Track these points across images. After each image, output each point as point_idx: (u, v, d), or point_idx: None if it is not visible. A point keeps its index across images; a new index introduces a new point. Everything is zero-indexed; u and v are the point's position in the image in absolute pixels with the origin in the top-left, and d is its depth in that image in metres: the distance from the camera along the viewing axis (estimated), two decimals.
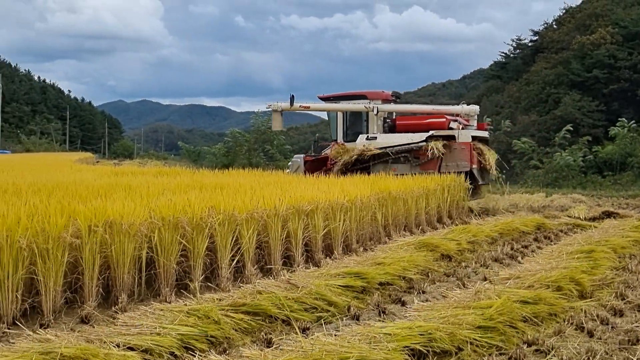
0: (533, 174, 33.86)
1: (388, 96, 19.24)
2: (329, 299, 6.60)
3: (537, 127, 48.83)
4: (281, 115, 19.40)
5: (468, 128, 17.70)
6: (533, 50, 69.43)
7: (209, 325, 5.43)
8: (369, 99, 18.61)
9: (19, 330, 5.42)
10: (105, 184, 11.25)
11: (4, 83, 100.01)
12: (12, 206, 6.97)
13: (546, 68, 58.34)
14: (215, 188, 10.39)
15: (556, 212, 16.60)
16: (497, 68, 78.31)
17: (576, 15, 64.84)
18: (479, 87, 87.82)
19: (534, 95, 56.64)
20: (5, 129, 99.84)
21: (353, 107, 18.85)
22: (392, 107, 19.06)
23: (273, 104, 19.21)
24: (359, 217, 10.35)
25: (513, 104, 58.85)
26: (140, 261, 7.00)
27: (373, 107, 18.01)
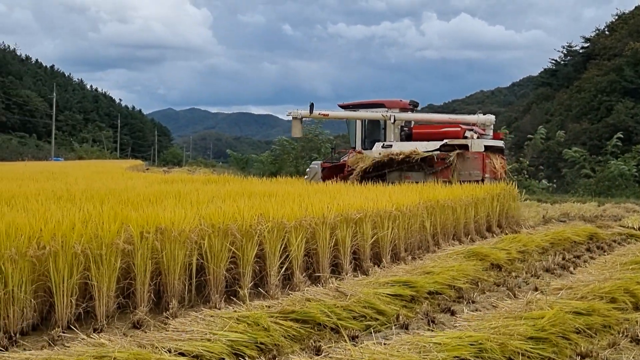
0: (585, 183, 33.31)
1: (406, 105, 19.33)
2: (378, 307, 6.57)
3: (589, 135, 48.02)
4: (301, 123, 19.63)
5: (484, 137, 17.74)
6: (584, 57, 68.36)
7: (258, 332, 5.46)
8: (387, 107, 18.78)
9: (73, 334, 5.52)
10: (156, 191, 11.42)
11: (58, 92, 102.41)
12: (66, 212, 7.14)
13: (598, 75, 57.38)
14: (264, 196, 10.47)
15: (609, 222, 16.29)
16: (547, 75, 77.29)
17: (629, 21, 63.66)
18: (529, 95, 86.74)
19: (585, 102, 55.74)
20: (58, 136, 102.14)
21: (370, 115, 19.04)
22: (409, 115, 19.15)
23: (293, 112, 19.33)
24: (407, 226, 10.29)
25: (563, 112, 58.00)
26: (191, 268, 7.08)
27: (390, 115, 18.22)
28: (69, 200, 9.32)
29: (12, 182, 14.15)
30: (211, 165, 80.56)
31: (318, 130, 39.37)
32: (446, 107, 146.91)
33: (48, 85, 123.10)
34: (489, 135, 18.13)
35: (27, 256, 5.75)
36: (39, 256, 5.85)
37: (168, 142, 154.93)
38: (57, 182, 14.53)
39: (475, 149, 16.99)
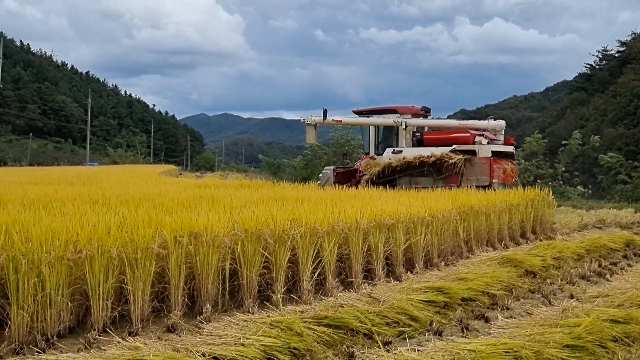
0: (621, 189, 32.83)
1: (418, 111, 19.52)
2: (411, 313, 6.54)
3: (625, 140, 47.32)
4: (315, 129, 19.80)
5: (495, 143, 17.94)
6: (620, 61, 67.44)
7: (291, 337, 5.46)
8: (399, 113, 18.99)
9: (109, 337, 5.58)
10: (189, 196, 11.51)
11: (93, 97, 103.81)
12: (102, 217, 7.24)
13: (634, 79, 56.54)
14: (296, 201, 10.49)
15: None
16: (582, 80, 76.42)
17: None
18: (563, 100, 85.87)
19: (621, 107, 54.97)
20: (93, 141, 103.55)
21: (382, 122, 19.24)
22: (420, 121, 19.38)
23: (307, 118, 19.60)
24: (440, 231, 10.23)
25: (599, 117, 57.26)
26: (224, 272, 7.11)
27: (401, 121, 18.45)
28: (105, 205, 9.44)
29: (49, 187, 14.37)
30: (243, 170, 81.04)
31: (350, 136, 39.34)
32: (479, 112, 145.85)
33: (83, 91, 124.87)
34: (500, 140, 18.27)
35: (64, 260, 5.82)
36: (76, 260, 5.92)
37: (200, 147, 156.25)
38: (93, 187, 14.72)
39: (483, 154, 17.17)
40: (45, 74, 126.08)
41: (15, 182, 17.62)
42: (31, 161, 74.33)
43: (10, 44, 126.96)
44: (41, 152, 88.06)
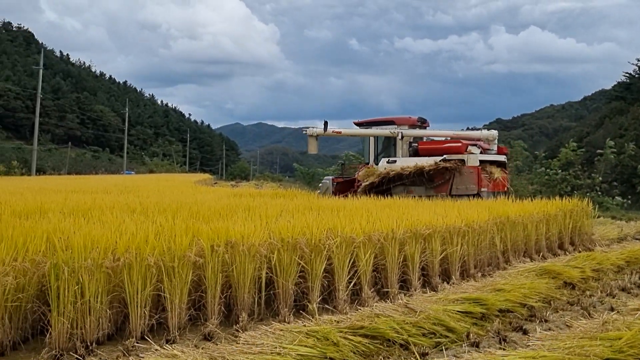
0: None
1: (414, 122, 19.98)
2: (448, 324, 6.49)
3: None
4: (316, 140, 20.16)
5: (488, 152, 18.35)
6: None
7: (327, 347, 5.46)
8: (397, 124, 19.52)
9: (147, 344, 5.64)
10: (225, 204, 11.58)
11: (130, 107, 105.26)
12: (140, 225, 7.32)
13: None
14: (332, 210, 10.50)
15: None
16: (620, 89, 75.24)
17: None
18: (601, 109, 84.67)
19: None
20: (130, 150, 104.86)
21: (379, 132, 19.76)
22: (416, 132, 19.72)
23: (309, 129, 20.10)
24: (477, 242, 10.14)
25: (638, 126, 56.28)
26: (260, 281, 7.13)
27: (397, 132, 19.01)
28: (142, 213, 9.54)
29: (88, 195, 14.58)
30: (278, 179, 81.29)
31: None
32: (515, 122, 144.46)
33: (121, 100, 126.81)
34: (493, 150, 18.67)
35: (103, 267, 5.90)
36: (114, 268, 5.99)
37: (235, 157, 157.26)
38: (130, 195, 14.89)
39: (471, 163, 17.53)
40: (84, 84, 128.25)
41: (55, 190, 17.92)
42: (70, 170, 75.57)
43: (51, 55, 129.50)
44: (79, 160, 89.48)
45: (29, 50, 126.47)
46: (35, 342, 5.95)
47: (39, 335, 6.00)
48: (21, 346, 5.84)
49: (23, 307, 5.86)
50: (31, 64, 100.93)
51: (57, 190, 17.59)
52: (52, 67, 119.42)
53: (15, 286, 5.62)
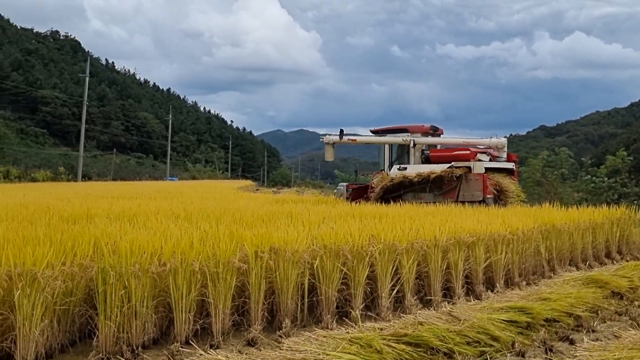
0: None
1: (427, 130, 20.32)
2: (492, 333, 6.41)
3: None
4: (333, 147, 20.72)
5: (498, 160, 18.72)
6: None
7: (371, 354, 5.43)
8: (410, 132, 19.89)
9: (191, 349, 5.68)
10: (268, 211, 11.64)
11: (174, 114, 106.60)
12: (184, 231, 7.40)
13: None
14: (374, 217, 10.47)
15: None
16: None
17: None
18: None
19: None
20: (173, 157, 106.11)
21: (393, 140, 20.18)
22: (427, 139, 19.96)
23: (325, 137, 20.72)
24: (521, 250, 10.02)
25: None
26: (303, 287, 7.14)
27: (410, 140, 19.38)
28: (186, 219, 9.64)
29: (133, 201, 14.79)
30: (319, 186, 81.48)
31: None
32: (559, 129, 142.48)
33: (164, 107, 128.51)
34: (502, 157, 19.02)
35: (148, 272, 5.97)
36: (160, 273, 6.07)
37: (277, 163, 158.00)
38: (174, 201, 15.07)
39: (477, 170, 17.79)
40: (128, 91, 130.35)
41: (101, 196, 18.23)
42: (114, 176, 76.79)
43: (97, 63, 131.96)
44: (124, 167, 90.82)
45: (75, 59, 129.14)
46: (83, 345, 6.05)
47: (87, 339, 6.11)
48: (69, 349, 5.94)
49: (71, 310, 5.97)
50: (78, 72, 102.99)
51: (103, 196, 17.90)
52: (98, 75, 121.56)
53: (64, 290, 5.72)
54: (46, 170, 67.05)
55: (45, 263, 5.56)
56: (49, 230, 7.22)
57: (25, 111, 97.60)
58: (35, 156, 79.30)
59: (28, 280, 5.34)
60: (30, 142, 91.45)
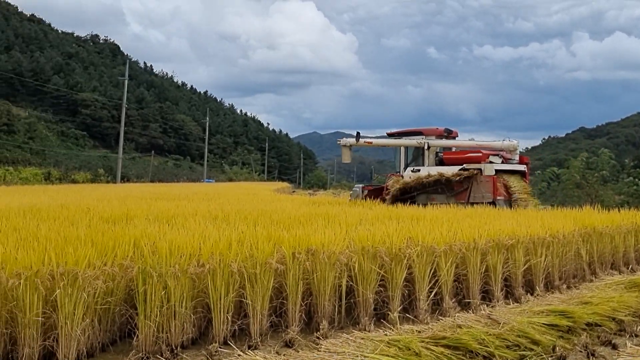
0: None
1: (441, 132, 20.62)
2: (533, 337, 6.32)
3: None
4: (350, 150, 21.46)
5: (510, 162, 18.86)
6: None
7: (409, 356, 5.40)
8: (425, 135, 20.22)
9: (229, 349, 5.71)
10: (305, 213, 11.65)
11: (210, 116, 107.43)
12: (222, 232, 7.43)
13: None
14: (412, 219, 10.41)
15: None
16: None
17: None
18: None
19: None
20: (210, 159, 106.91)
21: (407, 143, 20.54)
22: (441, 142, 20.27)
23: (342, 140, 21.42)
24: (562, 253, 9.87)
25: None
26: (340, 289, 7.13)
27: (424, 142, 19.76)
28: (224, 220, 9.69)
29: (171, 202, 14.93)
30: None
31: None
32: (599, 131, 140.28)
33: (201, 110, 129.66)
34: (515, 159, 19.09)
35: (187, 273, 6.01)
36: (199, 273, 6.11)
37: (313, 165, 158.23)
38: (211, 203, 15.17)
39: (487, 172, 18.01)
40: (166, 94, 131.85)
41: (139, 197, 18.43)
42: (152, 178, 77.66)
43: (135, 66, 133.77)
44: (161, 169, 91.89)
45: (114, 62, 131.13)
46: (123, 345, 6.13)
47: (127, 338, 6.18)
48: (110, 348, 6.02)
49: (111, 310, 6.04)
50: (117, 75, 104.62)
51: (142, 198, 18.09)
52: (137, 78, 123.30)
53: (105, 290, 5.79)
54: (86, 172, 68.17)
55: (87, 263, 5.64)
56: (89, 231, 7.33)
57: (66, 114, 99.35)
58: (76, 158, 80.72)
59: (70, 279, 5.43)
60: (71, 144, 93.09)
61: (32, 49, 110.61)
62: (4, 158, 69.56)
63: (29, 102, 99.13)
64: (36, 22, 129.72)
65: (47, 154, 78.19)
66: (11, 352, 5.44)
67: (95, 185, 47.63)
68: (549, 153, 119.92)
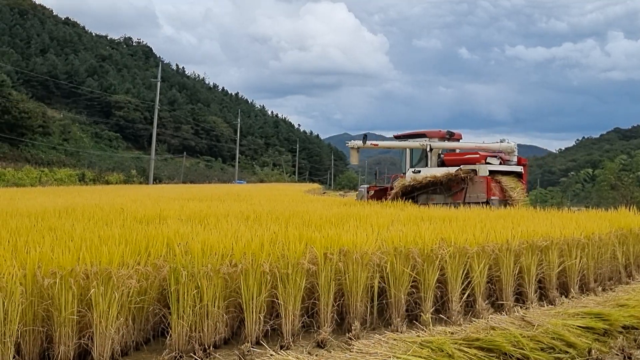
0: None
1: (443, 134, 21.12)
2: (567, 339, 6.23)
3: None
4: (357, 152, 22.10)
5: (508, 163, 19.36)
6: None
7: (442, 358, 5.35)
8: (428, 137, 20.80)
9: (262, 349, 5.71)
10: (336, 213, 11.64)
11: (242, 118, 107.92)
12: (254, 232, 7.45)
13: None
14: (444, 220, 10.34)
15: None
16: None
17: None
18: None
19: None
20: (241, 160, 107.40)
21: (411, 145, 21.11)
22: (442, 144, 20.81)
23: (350, 142, 22.23)
24: (597, 255, 9.73)
25: None
26: (372, 290, 7.10)
27: (426, 144, 20.30)
28: (256, 221, 9.71)
29: (203, 203, 15.02)
30: None
31: None
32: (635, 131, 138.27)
33: (233, 111, 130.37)
34: (513, 161, 19.57)
35: (220, 273, 6.04)
36: (231, 273, 6.13)
37: (344, 167, 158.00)
38: (243, 203, 15.24)
39: (481, 173, 18.53)
40: (198, 95, 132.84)
41: (172, 198, 18.58)
42: (184, 179, 78.30)
43: (167, 68, 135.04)
44: (193, 170, 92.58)
45: (147, 64, 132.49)
46: (156, 344, 6.17)
47: (160, 337, 6.22)
48: (143, 347, 6.07)
49: (145, 309, 6.09)
50: (149, 77, 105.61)
51: (174, 198, 18.24)
52: (169, 80, 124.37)
53: (138, 289, 5.84)
54: (119, 173, 69.01)
55: (121, 262, 5.69)
56: (123, 231, 7.39)
57: (100, 115, 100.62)
58: (109, 159, 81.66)
59: (103, 278, 5.48)
60: (104, 145, 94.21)
61: (66, 52, 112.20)
62: (39, 159, 70.69)
63: (63, 104, 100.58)
64: (71, 25, 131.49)
65: (81, 156, 79.21)
66: (47, 349, 5.51)
67: (128, 186, 48.17)
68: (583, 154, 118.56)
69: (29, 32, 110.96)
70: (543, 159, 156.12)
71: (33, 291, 5.36)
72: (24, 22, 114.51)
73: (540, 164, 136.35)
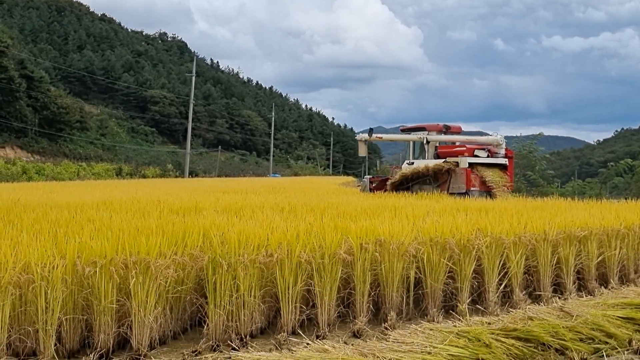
0: None
1: (440, 128, 21.75)
2: (607, 330, 6.15)
3: None
4: (365, 144, 22.30)
5: (496, 156, 19.88)
6: None
7: (479, 348, 5.33)
8: (427, 130, 21.48)
9: (298, 339, 5.73)
10: (371, 205, 11.62)
11: (276, 112, 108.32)
12: (290, 223, 7.47)
13: None
14: (480, 211, 10.26)
15: None
16: None
17: None
18: None
19: None
20: (276, 154, 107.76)
21: (410, 137, 21.95)
22: (438, 137, 21.39)
23: (358, 135, 22.75)
24: (637, 246, 9.56)
25: None
26: (408, 280, 7.08)
27: (423, 137, 20.94)
28: (291, 212, 9.74)
29: (238, 195, 15.12)
30: None
31: (532, 147, 37.80)
32: None
33: (267, 105, 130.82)
34: (500, 153, 20.01)
35: (256, 263, 6.07)
36: (267, 263, 6.15)
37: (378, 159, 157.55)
38: (278, 196, 15.30)
39: (462, 165, 19.09)
40: (232, 90, 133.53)
41: (207, 191, 18.73)
42: (219, 172, 78.85)
43: (202, 63, 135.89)
44: (228, 164, 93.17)
45: (182, 59, 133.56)
46: (194, 333, 6.24)
47: (197, 327, 6.29)
48: (181, 336, 6.14)
49: (182, 299, 6.15)
50: (184, 72, 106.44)
51: (209, 191, 18.38)
52: (204, 75, 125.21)
53: (176, 279, 5.89)
54: (155, 167, 69.74)
55: (158, 252, 5.76)
56: (160, 222, 7.47)
57: (136, 110, 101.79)
58: (145, 154, 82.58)
59: (142, 268, 5.55)
60: (140, 140, 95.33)
61: (103, 48, 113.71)
62: (77, 154, 71.82)
63: (100, 99, 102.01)
64: (107, 21, 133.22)
65: (118, 150, 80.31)
66: (87, 337, 5.61)
67: (164, 179, 48.64)
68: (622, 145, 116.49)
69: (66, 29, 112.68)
70: (581, 151, 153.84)
71: (73, 280, 5.46)
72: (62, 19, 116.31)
73: (577, 156, 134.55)
